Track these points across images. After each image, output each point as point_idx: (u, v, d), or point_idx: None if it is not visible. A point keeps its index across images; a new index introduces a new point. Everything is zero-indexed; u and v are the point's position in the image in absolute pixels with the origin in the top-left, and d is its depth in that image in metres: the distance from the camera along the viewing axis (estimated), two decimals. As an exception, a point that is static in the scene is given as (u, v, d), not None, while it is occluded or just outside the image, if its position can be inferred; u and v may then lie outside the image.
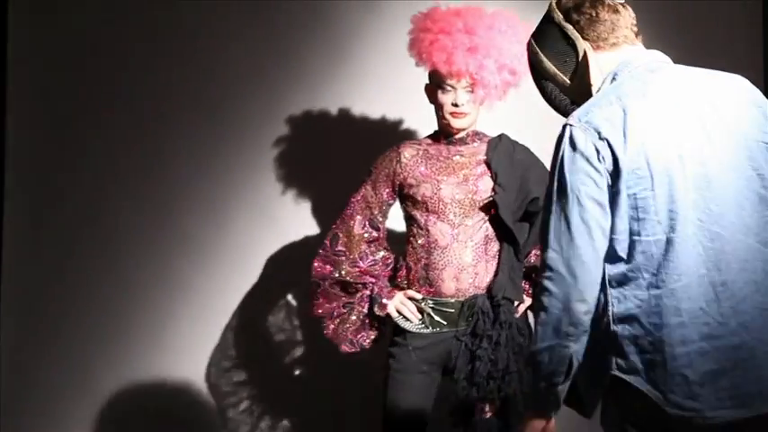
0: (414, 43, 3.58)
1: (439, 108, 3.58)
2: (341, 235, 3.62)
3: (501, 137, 3.63)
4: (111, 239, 4.32)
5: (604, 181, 2.28)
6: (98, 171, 4.33)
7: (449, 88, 3.52)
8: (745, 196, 2.34)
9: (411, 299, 3.56)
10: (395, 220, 3.77)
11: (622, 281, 2.31)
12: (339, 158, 4.26)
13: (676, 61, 4.21)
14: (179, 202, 4.32)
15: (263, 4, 4.34)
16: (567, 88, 2.52)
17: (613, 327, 2.31)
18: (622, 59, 2.46)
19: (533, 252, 3.60)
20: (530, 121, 3.82)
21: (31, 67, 4.36)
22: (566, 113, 2.46)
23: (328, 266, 3.61)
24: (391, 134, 4.22)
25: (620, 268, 2.31)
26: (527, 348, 3.45)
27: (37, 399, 4.30)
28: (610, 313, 2.31)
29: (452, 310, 3.53)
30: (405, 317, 3.56)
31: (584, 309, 2.28)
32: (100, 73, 4.34)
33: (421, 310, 3.55)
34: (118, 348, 4.29)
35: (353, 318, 3.60)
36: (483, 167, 3.57)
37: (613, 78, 2.43)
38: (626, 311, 2.30)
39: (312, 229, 4.30)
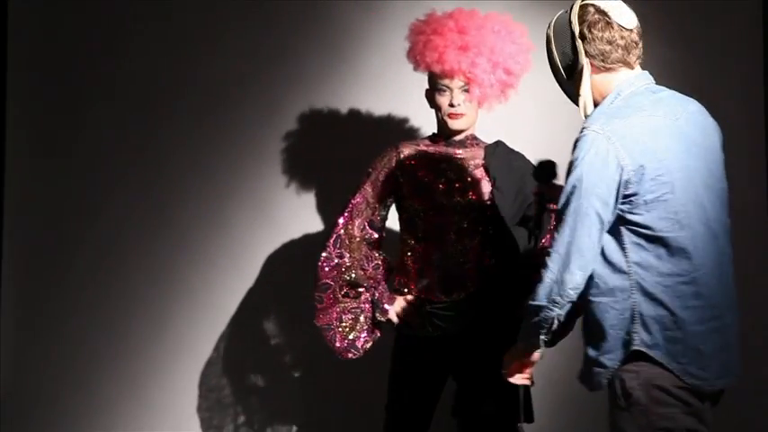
0: (410, 49, 3.59)
1: (437, 110, 3.58)
2: (343, 237, 3.61)
3: (498, 143, 3.64)
4: (110, 239, 4.32)
5: (616, 185, 2.66)
6: (97, 171, 4.34)
7: (444, 89, 3.53)
8: (712, 204, 2.77)
9: (412, 303, 3.57)
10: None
11: (647, 268, 2.70)
12: (338, 159, 4.26)
13: (678, 61, 4.22)
14: (178, 203, 4.32)
15: (261, 4, 4.34)
16: (565, 83, 2.88)
17: (639, 308, 2.70)
18: (622, 80, 2.81)
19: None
20: (526, 127, 3.92)
21: (30, 68, 4.36)
22: (571, 99, 2.87)
23: (335, 269, 3.59)
24: (390, 134, 4.21)
25: (644, 257, 2.70)
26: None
27: (37, 399, 4.30)
28: (636, 295, 2.71)
29: (452, 313, 3.54)
30: (407, 322, 3.57)
31: (572, 285, 2.71)
32: (99, 73, 4.35)
33: (423, 314, 3.56)
34: (118, 348, 4.30)
35: (361, 322, 3.60)
36: (481, 171, 3.58)
37: (617, 95, 2.79)
38: (651, 295, 2.70)
39: (311, 228, 4.30)
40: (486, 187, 3.56)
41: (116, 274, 4.31)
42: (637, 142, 2.69)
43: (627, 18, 2.81)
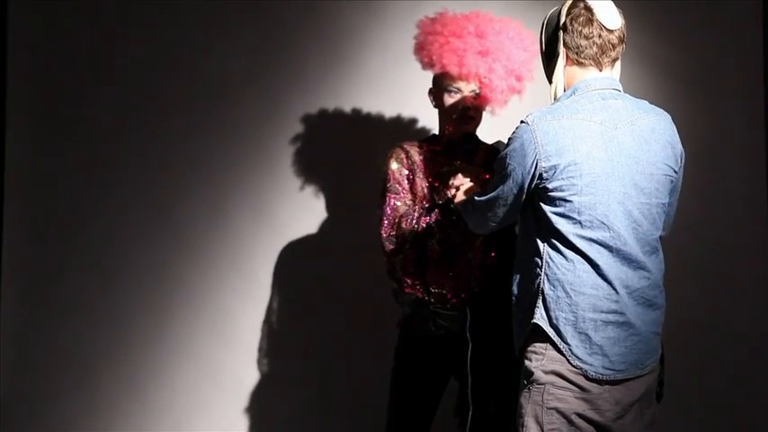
0: (422, 46, 3.57)
1: (445, 112, 3.58)
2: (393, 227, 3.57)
3: (499, 143, 3.65)
4: (110, 240, 4.32)
5: (530, 176, 2.91)
6: (97, 171, 4.34)
7: (456, 92, 3.53)
8: (641, 215, 2.94)
9: (419, 304, 3.57)
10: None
11: (557, 251, 2.92)
12: (338, 158, 4.26)
13: (678, 61, 4.20)
14: (178, 203, 4.32)
15: (262, 5, 4.34)
16: (545, 68, 3.07)
17: (542, 286, 2.93)
18: (584, 78, 2.97)
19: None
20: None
21: (30, 68, 4.36)
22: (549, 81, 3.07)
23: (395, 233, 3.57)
24: (390, 134, 4.22)
25: (554, 242, 2.92)
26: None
27: (37, 399, 4.30)
28: (542, 275, 2.93)
29: (456, 312, 3.54)
30: (414, 323, 3.58)
31: (480, 232, 3.24)
32: (99, 74, 4.35)
33: (426, 313, 3.56)
34: (118, 348, 4.30)
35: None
36: (481, 171, 3.58)
37: (573, 93, 2.96)
38: (554, 276, 2.92)
39: (311, 228, 4.31)
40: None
41: (116, 274, 4.31)
42: (557, 142, 2.87)
43: (611, 19, 2.95)
